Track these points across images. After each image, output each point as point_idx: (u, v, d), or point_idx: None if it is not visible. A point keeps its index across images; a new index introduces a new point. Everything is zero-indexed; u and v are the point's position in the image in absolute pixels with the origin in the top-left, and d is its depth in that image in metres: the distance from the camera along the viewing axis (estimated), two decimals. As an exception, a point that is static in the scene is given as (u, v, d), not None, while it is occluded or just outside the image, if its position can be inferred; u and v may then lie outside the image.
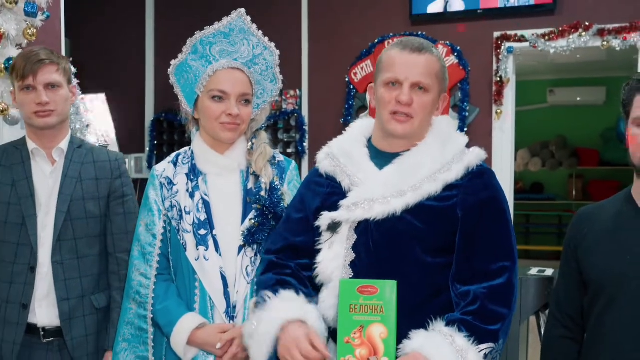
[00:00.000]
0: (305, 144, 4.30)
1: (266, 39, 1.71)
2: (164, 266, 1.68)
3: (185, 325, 1.60)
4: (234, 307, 1.62)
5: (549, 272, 2.73)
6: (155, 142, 4.69)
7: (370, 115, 3.64)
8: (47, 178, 1.85)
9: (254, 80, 1.71)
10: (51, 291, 1.80)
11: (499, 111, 3.87)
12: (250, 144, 1.74)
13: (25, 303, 1.78)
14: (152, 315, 1.65)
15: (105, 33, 4.72)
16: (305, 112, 4.33)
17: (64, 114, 1.86)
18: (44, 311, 1.80)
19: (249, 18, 1.68)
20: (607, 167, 7.07)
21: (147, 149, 4.72)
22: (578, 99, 7.09)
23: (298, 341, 1.36)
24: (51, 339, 1.81)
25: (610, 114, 6.73)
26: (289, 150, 4.34)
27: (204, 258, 1.63)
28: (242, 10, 1.68)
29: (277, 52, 1.73)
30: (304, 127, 4.29)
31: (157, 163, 4.86)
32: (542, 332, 2.76)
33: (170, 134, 4.72)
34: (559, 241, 7.31)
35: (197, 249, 1.63)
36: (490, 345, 1.32)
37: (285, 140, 4.38)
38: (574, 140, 7.33)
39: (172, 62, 1.71)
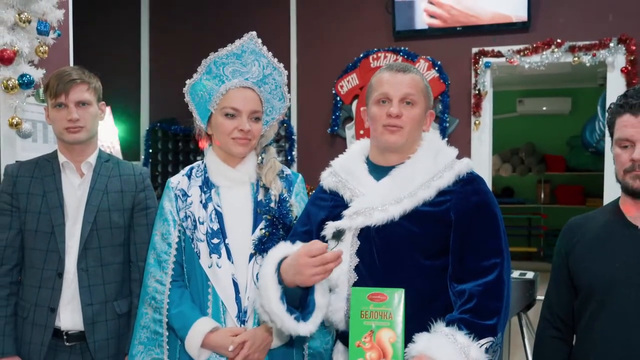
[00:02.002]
0: (294, 153, 4.34)
1: (275, 60, 1.78)
2: (178, 273, 1.73)
3: (200, 328, 1.66)
4: (245, 312, 1.68)
5: (530, 275, 2.86)
6: (151, 151, 4.69)
7: (365, 136, 3.74)
8: (75, 190, 1.91)
9: (264, 98, 1.78)
10: (76, 296, 1.85)
11: (477, 122, 3.97)
12: (260, 158, 1.82)
13: (53, 307, 1.84)
14: (167, 320, 1.69)
15: (102, 45, 4.70)
16: (294, 122, 4.37)
17: (93, 130, 1.92)
18: (69, 315, 1.85)
19: (259, 40, 1.75)
20: (573, 172, 7.23)
21: (143, 157, 4.72)
22: (544, 108, 7.22)
23: (300, 255, 1.40)
24: (74, 342, 1.87)
25: (575, 122, 6.89)
26: (279, 159, 4.37)
27: (217, 265, 1.69)
28: (254, 33, 1.75)
29: (286, 72, 1.80)
30: (293, 136, 4.32)
31: (152, 171, 4.88)
32: (524, 332, 2.91)
33: (165, 142, 4.72)
34: (529, 242, 7.51)
35: (211, 257, 1.69)
36: (490, 339, 1.38)
37: (275, 149, 4.43)
38: (542, 147, 7.47)
39: (187, 81, 1.76)
